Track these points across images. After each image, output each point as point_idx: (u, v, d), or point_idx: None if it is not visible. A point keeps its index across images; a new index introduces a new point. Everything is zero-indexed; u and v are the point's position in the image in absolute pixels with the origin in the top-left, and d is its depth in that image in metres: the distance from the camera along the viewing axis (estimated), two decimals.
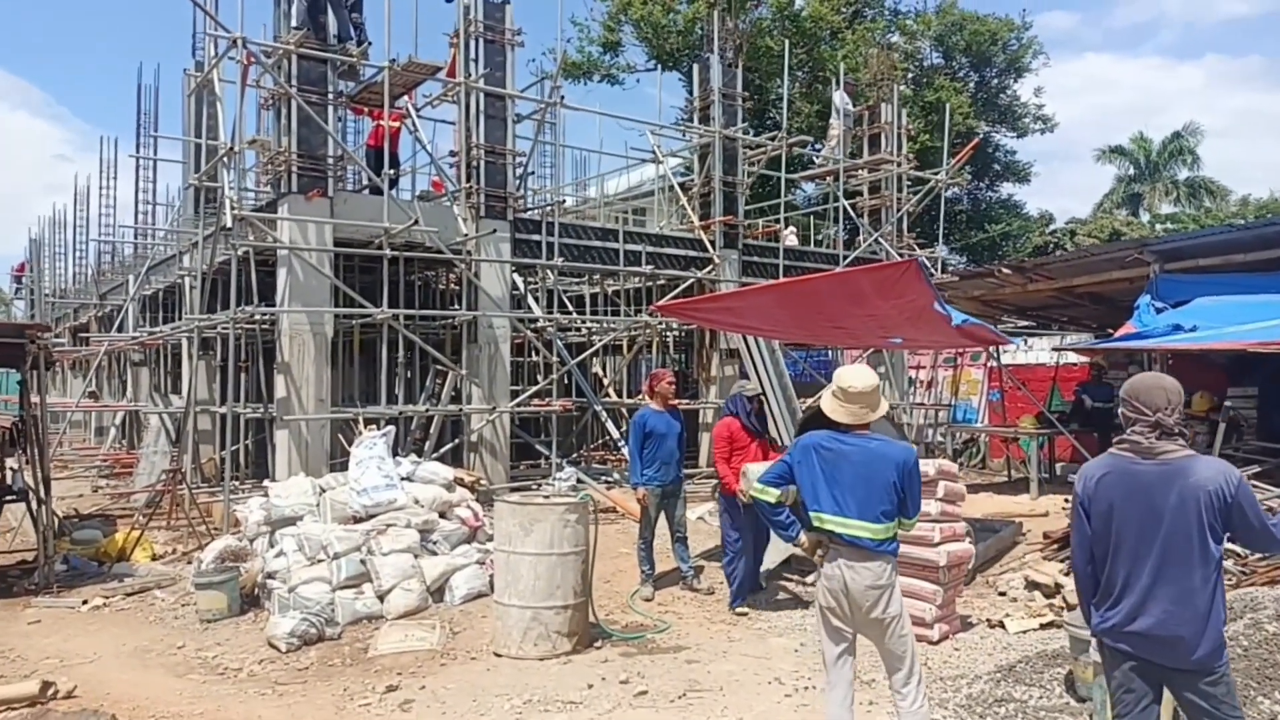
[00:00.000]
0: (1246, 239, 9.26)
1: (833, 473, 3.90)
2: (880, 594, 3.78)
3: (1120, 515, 3.05)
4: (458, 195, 11.37)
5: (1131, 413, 3.08)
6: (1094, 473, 3.16)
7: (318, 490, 7.90)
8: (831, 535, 3.88)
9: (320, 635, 6.33)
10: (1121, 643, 3.07)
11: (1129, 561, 3.03)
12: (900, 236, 15.61)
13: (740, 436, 7.07)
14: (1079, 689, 4.47)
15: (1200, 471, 2.94)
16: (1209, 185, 36.52)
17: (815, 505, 3.93)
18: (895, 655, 3.83)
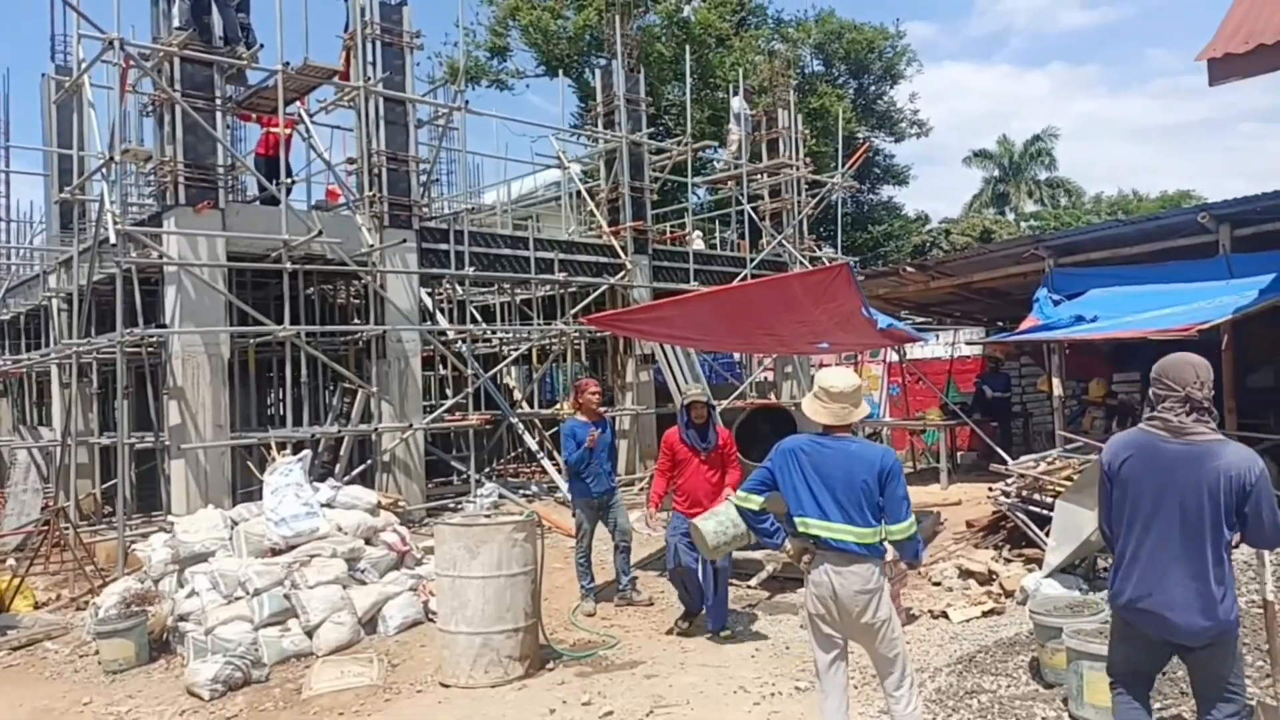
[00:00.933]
0: (1131, 234, 9.79)
1: (815, 476, 3.81)
2: (869, 598, 3.72)
3: (1139, 490, 3.14)
4: (359, 204, 10.89)
5: (1162, 390, 3.16)
6: (1122, 446, 3.26)
7: (229, 523, 7.38)
8: (816, 540, 3.80)
9: (246, 678, 5.88)
10: (1130, 616, 3.19)
11: (1144, 536, 3.13)
12: (801, 239, 15.89)
13: (679, 449, 6.46)
14: (1046, 675, 4.55)
15: (1227, 456, 3.03)
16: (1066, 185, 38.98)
17: (799, 510, 3.84)
18: (886, 659, 3.79)
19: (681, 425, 6.48)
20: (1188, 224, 8.87)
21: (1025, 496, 7.55)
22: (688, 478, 6.40)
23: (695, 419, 6.41)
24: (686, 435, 6.42)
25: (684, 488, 6.41)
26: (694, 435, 6.41)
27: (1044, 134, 38.19)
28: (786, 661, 5.82)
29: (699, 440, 6.41)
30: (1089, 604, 4.75)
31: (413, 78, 11.20)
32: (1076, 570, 6.34)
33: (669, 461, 6.51)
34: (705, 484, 6.36)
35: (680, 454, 6.44)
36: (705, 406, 6.44)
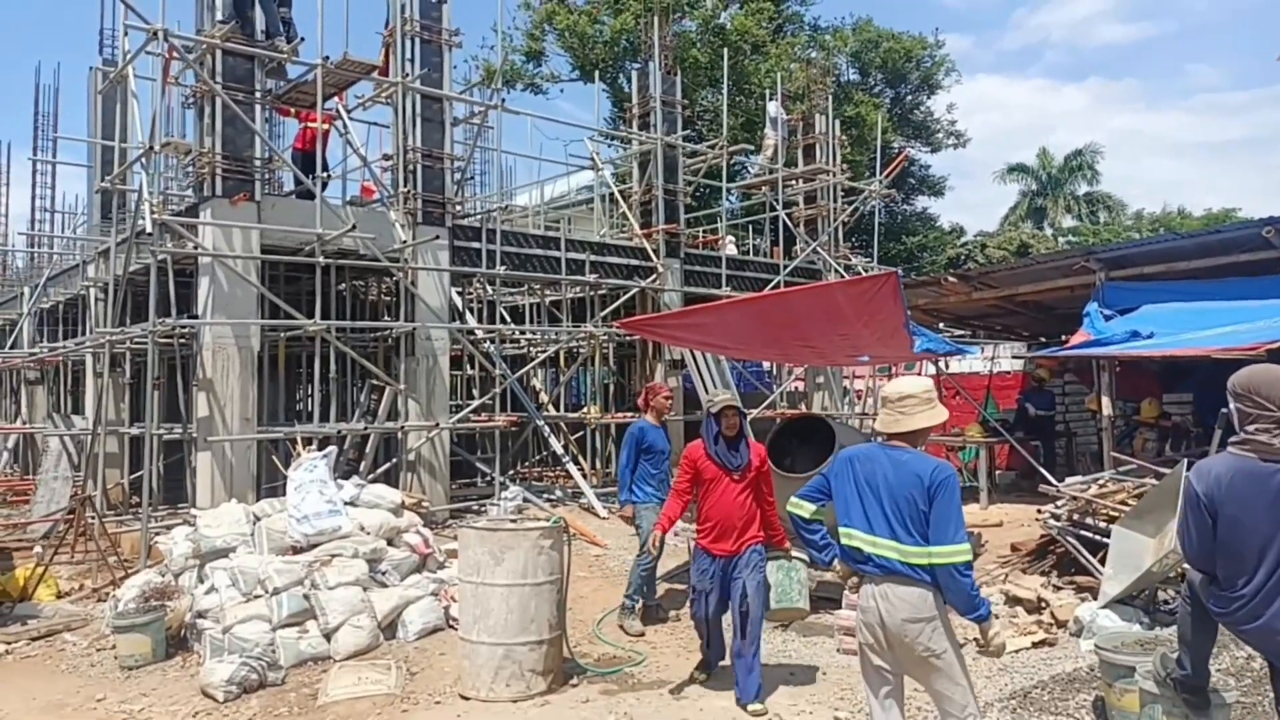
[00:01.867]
0: (1189, 247, 9.42)
1: (865, 485, 3.54)
2: (921, 628, 3.37)
3: (1251, 517, 2.96)
4: (393, 201, 10.78)
5: (1251, 408, 2.98)
6: (1219, 472, 3.06)
7: (251, 518, 7.23)
8: (860, 556, 3.53)
9: (262, 681, 5.72)
10: (1247, 640, 3.13)
11: (1257, 562, 2.96)
12: (836, 247, 15.60)
13: (706, 467, 5.37)
14: (1112, 716, 4.25)
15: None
16: (1106, 200, 38.30)
17: (845, 521, 3.59)
18: (946, 698, 3.43)
19: (708, 437, 5.40)
20: (1250, 238, 8.50)
21: (1077, 520, 7.22)
22: (714, 502, 5.31)
23: (726, 430, 5.33)
24: (714, 450, 5.35)
25: (710, 514, 5.32)
26: (723, 450, 5.32)
27: (1086, 148, 37.55)
28: (824, 688, 5.56)
29: (729, 456, 5.32)
30: (1160, 641, 4.44)
31: (450, 75, 11.07)
32: (1135, 602, 6.01)
33: (689, 481, 5.47)
34: (736, 510, 5.26)
35: (706, 472, 5.36)
36: (738, 414, 5.39)
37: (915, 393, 3.58)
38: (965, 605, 3.35)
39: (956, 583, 3.33)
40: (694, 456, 5.46)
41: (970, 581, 3.34)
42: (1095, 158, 37.63)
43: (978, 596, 3.37)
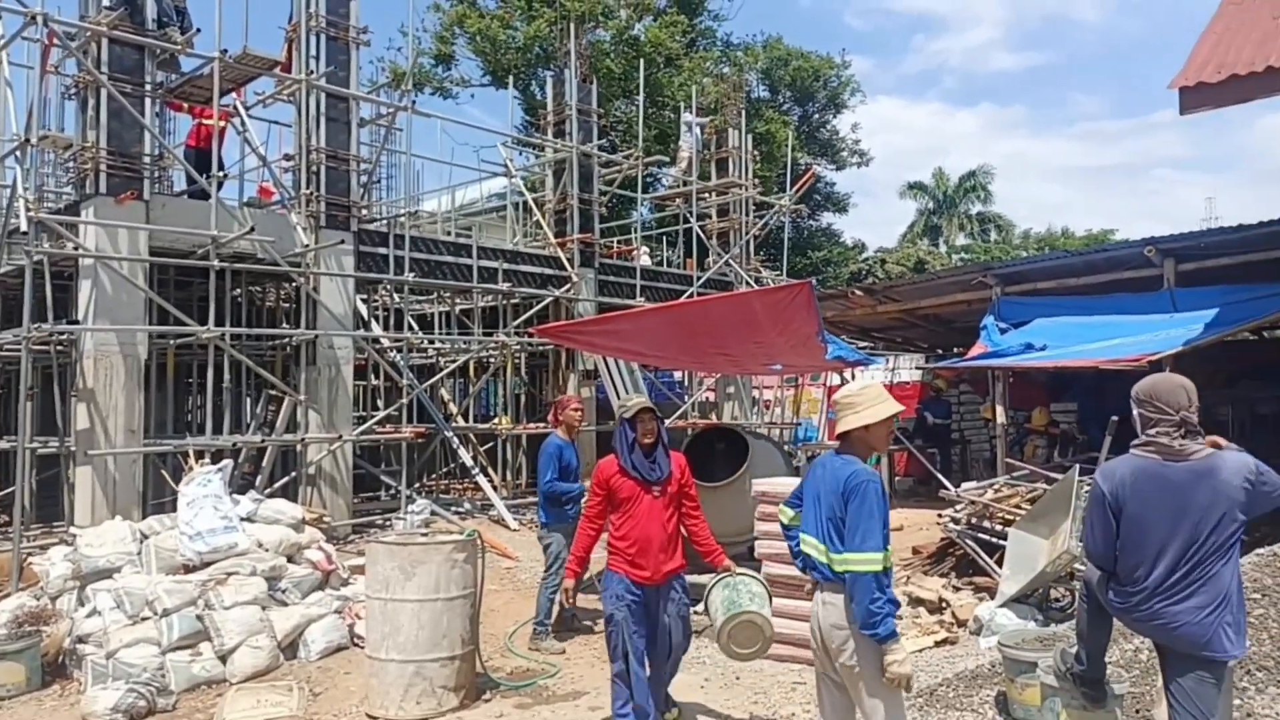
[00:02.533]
0: (1078, 265, 9.89)
1: (813, 491, 3.55)
2: (845, 636, 3.30)
3: (1153, 514, 3.11)
4: (294, 203, 10.39)
5: (1153, 413, 3.16)
6: (1123, 473, 3.21)
7: (138, 536, 6.82)
8: (810, 562, 3.52)
9: (151, 708, 5.38)
10: (1142, 630, 3.28)
11: (1156, 556, 3.11)
12: (747, 259, 15.81)
13: (621, 485, 4.61)
14: (1015, 710, 4.36)
15: (1228, 467, 3.08)
16: (997, 220, 40.09)
17: (803, 526, 3.61)
18: (866, 715, 3.34)
19: (622, 448, 4.66)
20: (1134, 257, 8.98)
21: (974, 524, 7.45)
22: (634, 523, 4.55)
23: (643, 436, 4.63)
24: (630, 461, 4.61)
25: (627, 533, 4.57)
26: (640, 461, 4.61)
27: (979, 170, 39.22)
28: (737, 692, 5.56)
29: (647, 468, 4.61)
30: (1059, 637, 4.59)
31: (357, 75, 10.77)
32: (1030, 600, 6.22)
33: (600, 504, 4.67)
34: (658, 530, 4.57)
35: (622, 490, 4.59)
36: (654, 419, 4.69)
37: (849, 394, 3.55)
38: (861, 618, 3.20)
39: (856, 592, 3.21)
40: (605, 475, 4.62)
41: (872, 595, 3.17)
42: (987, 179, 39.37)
43: (879, 614, 3.17)
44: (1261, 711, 3.91)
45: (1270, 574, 4.99)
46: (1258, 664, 4.36)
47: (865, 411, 3.42)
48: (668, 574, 4.59)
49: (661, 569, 4.55)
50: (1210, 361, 9.32)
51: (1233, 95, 4.86)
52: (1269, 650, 4.51)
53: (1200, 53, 5.25)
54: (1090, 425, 11.71)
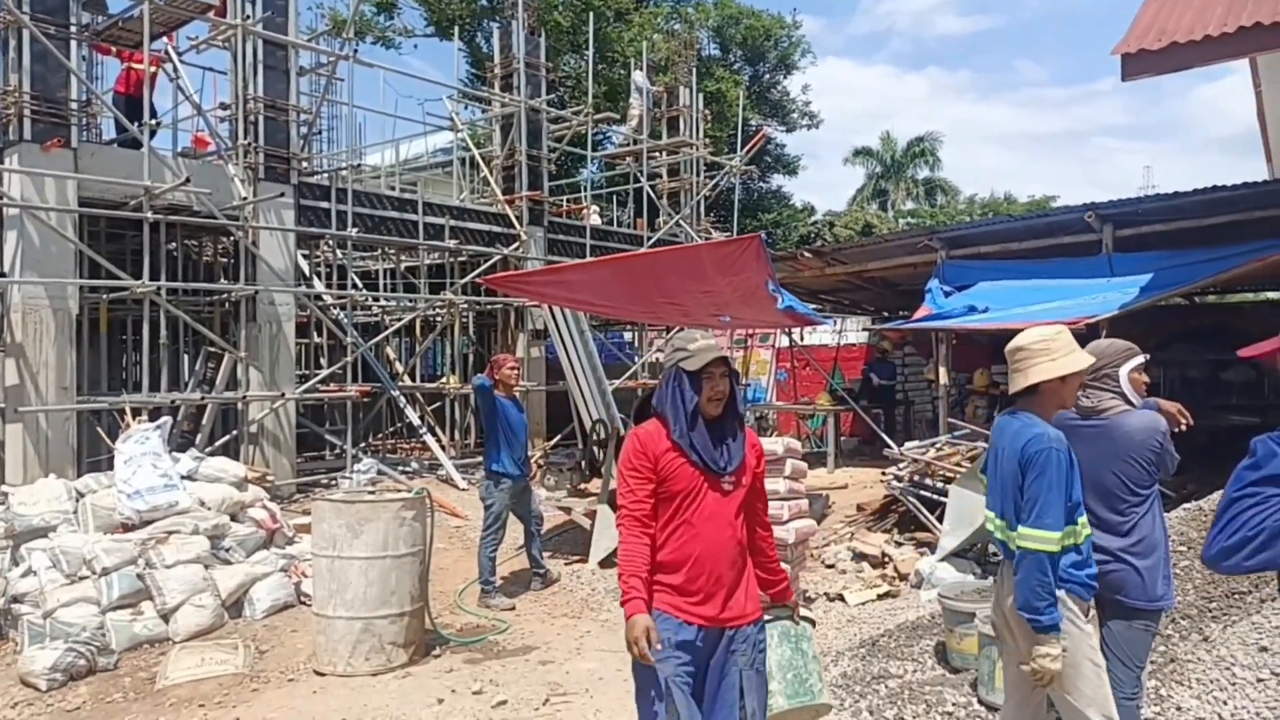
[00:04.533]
0: (1020, 230, 10.07)
1: (992, 460, 3.13)
2: None
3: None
4: (231, 154, 10.06)
5: None
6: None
7: (74, 495, 6.63)
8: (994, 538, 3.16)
9: (91, 667, 5.28)
10: None
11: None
12: (698, 220, 15.79)
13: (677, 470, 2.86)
14: (953, 660, 4.51)
15: (1137, 423, 3.18)
16: (943, 185, 40.53)
17: (988, 497, 3.21)
18: (1061, 705, 2.95)
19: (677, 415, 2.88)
20: (1074, 222, 9.16)
21: (916, 481, 7.63)
22: (694, 532, 2.85)
23: (710, 402, 2.87)
24: (690, 440, 2.87)
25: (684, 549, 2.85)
26: (705, 441, 2.87)
27: (927, 136, 39.54)
28: None
29: (714, 451, 2.88)
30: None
31: (296, 21, 10.40)
32: (969, 555, 6.41)
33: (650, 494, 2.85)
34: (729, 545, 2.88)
35: (677, 480, 2.86)
36: (729, 377, 2.92)
37: (1026, 344, 3.01)
38: (1022, 601, 2.82)
39: (1021, 571, 2.84)
40: (653, 448, 2.85)
41: (1038, 578, 2.79)
42: (936, 145, 39.72)
43: (1045, 599, 2.78)
44: (1184, 657, 4.09)
45: (1195, 528, 5.20)
46: (1182, 613, 4.56)
47: (1063, 360, 2.93)
48: (748, 615, 2.88)
49: (737, 605, 2.86)
50: (1144, 325, 9.58)
51: (1173, 62, 4.95)
52: (1193, 600, 4.72)
53: (1143, 20, 5.34)
54: None
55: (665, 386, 2.94)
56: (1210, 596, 4.67)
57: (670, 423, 2.89)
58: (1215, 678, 3.84)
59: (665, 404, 2.91)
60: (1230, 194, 8.14)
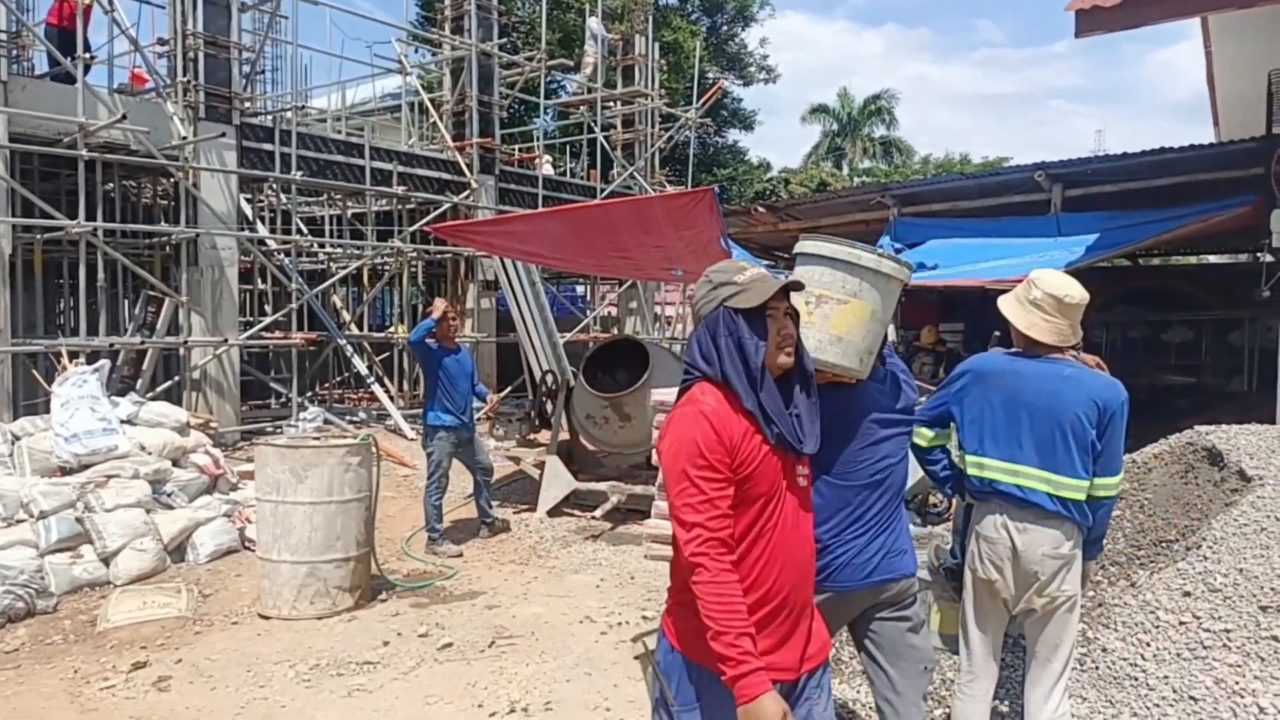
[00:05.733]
0: (972, 188, 10.18)
1: (1009, 405, 2.98)
2: (1060, 566, 2.91)
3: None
4: (169, 92, 9.71)
5: None
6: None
7: (9, 437, 6.47)
8: (992, 487, 3.02)
9: (30, 609, 5.19)
10: None
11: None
12: (652, 173, 15.67)
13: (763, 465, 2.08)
14: None
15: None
16: (899, 144, 40.72)
17: (976, 448, 3.03)
18: (1050, 645, 3.01)
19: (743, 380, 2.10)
20: (1024, 181, 9.28)
21: None
22: (776, 550, 2.11)
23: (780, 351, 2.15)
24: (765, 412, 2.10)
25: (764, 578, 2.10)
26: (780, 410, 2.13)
27: (884, 94, 39.61)
28: (631, 591, 5.73)
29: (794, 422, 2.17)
30: (934, 536, 4.87)
31: None
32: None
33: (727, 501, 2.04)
34: (809, 565, 2.27)
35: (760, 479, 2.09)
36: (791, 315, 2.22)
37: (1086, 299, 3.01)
38: (1100, 540, 3.05)
39: (1103, 516, 2.98)
40: (728, 432, 2.07)
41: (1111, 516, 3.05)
42: (892, 103, 39.82)
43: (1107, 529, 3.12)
44: (1111, 601, 4.25)
45: (1128, 479, 5.37)
46: (1111, 559, 4.72)
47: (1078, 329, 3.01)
48: (817, 654, 2.25)
49: (811, 643, 2.23)
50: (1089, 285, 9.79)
51: (1126, 19, 5.01)
52: (1122, 548, 4.89)
53: None
54: (975, 344, 12.25)
55: (710, 339, 2.11)
56: (1139, 545, 4.84)
57: (734, 391, 2.07)
58: (1140, 621, 4.00)
59: (723, 363, 2.08)
60: (1177, 156, 8.29)
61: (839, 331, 2.64)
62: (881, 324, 2.72)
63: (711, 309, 2.15)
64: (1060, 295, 2.94)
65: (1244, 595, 3.43)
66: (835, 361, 2.61)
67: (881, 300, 2.68)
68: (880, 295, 2.67)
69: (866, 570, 2.67)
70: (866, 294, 2.64)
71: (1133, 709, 3.57)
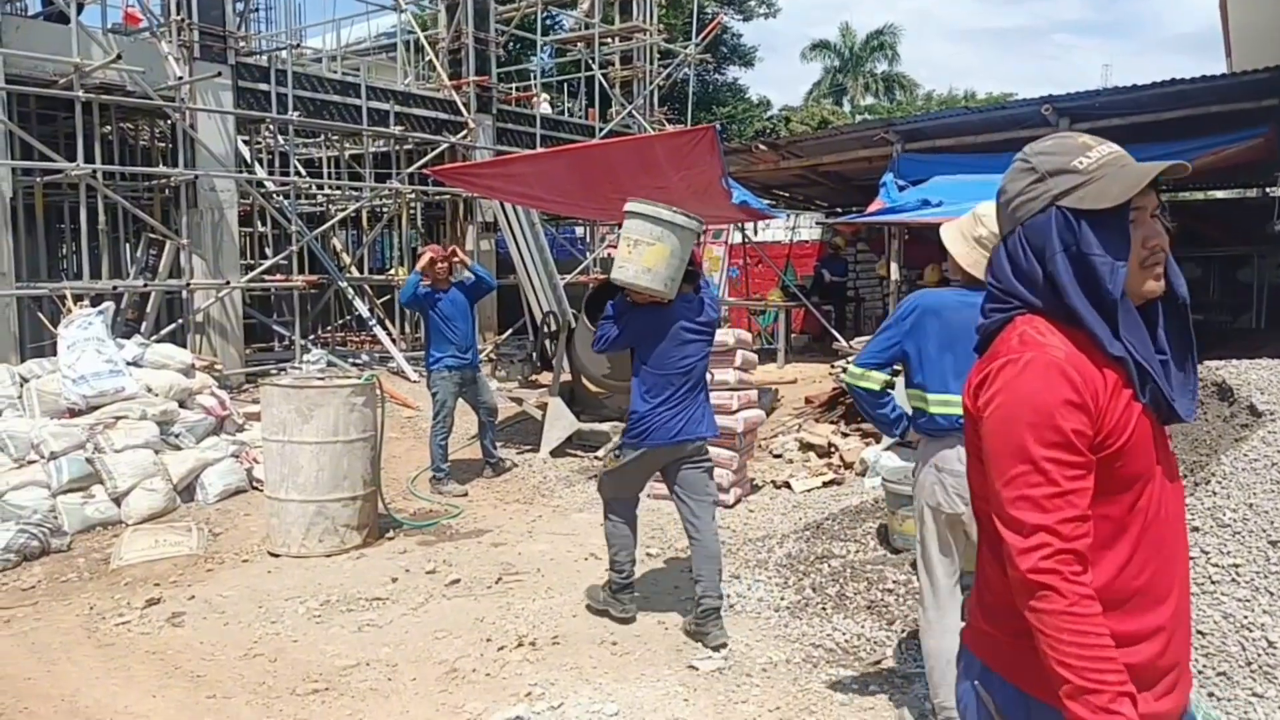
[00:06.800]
0: (977, 122, 10.04)
1: (965, 339, 2.93)
2: None
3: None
4: (164, 31, 9.55)
5: None
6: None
7: (17, 380, 6.52)
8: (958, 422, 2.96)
9: (45, 548, 5.29)
10: None
11: None
12: (651, 111, 15.46)
13: (1119, 419, 1.39)
14: (895, 541, 4.71)
15: None
16: (901, 80, 40.02)
17: (939, 384, 3.04)
18: None
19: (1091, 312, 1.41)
20: (1031, 115, 9.14)
21: None
22: (1161, 550, 1.44)
23: (1150, 265, 1.46)
24: (1130, 345, 1.41)
25: (1153, 592, 1.43)
26: (1148, 355, 1.44)
27: (886, 29, 38.83)
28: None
29: (1170, 382, 1.47)
30: None
31: None
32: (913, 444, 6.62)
33: (1084, 505, 1.36)
34: (1186, 565, 1.53)
35: (1134, 454, 1.41)
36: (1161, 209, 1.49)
37: None
38: None
39: None
40: (1091, 387, 1.39)
41: None
42: (895, 38, 39.04)
43: None
44: None
45: None
46: None
47: None
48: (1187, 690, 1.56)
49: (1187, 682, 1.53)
50: None
51: None
52: None
53: None
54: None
55: (1035, 254, 1.48)
56: None
57: (1094, 329, 1.42)
58: None
59: (1063, 290, 1.43)
60: (1188, 87, 8.13)
61: (649, 265, 3.87)
62: (680, 260, 3.94)
63: (1037, 210, 1.47)
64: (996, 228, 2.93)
65: (1253, 530, 3.46)
66: (648, 285, 3.90)
67: (680, 243, 3.91)
68: (679, 240, 3.90)
69: (673, 433, 4.01)
70: (667, 239, 3.88)
71: None
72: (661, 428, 4.00)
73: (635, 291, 4.00)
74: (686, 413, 4.03)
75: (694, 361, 4.09)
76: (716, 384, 6.47)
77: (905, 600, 4.21)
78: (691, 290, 4.14)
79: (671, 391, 4.02)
